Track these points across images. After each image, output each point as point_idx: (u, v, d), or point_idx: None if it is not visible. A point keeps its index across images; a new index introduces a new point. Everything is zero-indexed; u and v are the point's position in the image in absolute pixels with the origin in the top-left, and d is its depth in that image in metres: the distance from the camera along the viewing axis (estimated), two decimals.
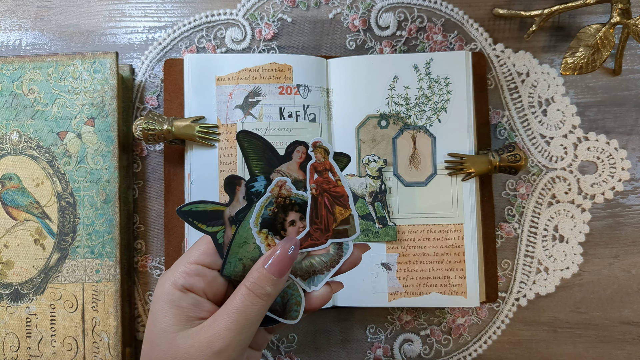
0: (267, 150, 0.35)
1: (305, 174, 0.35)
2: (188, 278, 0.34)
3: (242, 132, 0.35)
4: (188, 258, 0.35)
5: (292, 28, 0.56)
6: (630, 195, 0.55)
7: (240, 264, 0.35)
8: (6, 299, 0.50)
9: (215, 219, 0.35)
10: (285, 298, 0.35)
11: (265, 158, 0.35)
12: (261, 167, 0.35)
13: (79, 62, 0.51)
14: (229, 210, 0.35)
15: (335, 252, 0.36)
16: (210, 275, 0.35)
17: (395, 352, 0.54)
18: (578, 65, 0.52)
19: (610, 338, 0.54)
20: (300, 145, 0.35)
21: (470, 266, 0.51)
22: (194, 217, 0.35)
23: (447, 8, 0.56)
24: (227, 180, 0.35)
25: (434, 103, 0.52)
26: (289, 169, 0.35)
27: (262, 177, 0.35)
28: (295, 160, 0.35)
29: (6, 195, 0.50)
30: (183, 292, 0.33)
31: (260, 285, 0.33)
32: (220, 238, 0.35)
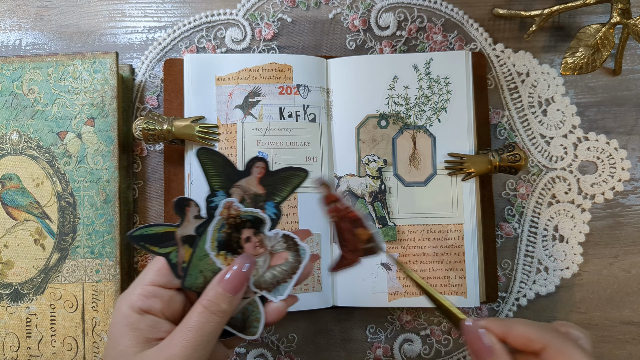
0: (226, 166, 0.36)
1: (264, 189, 0.37)
2: (145, 300, 0.35)
3: (202, 149, 0.36)
4: (144, 280, 0.36)
5: (292, 28, 0.56)
6: (630, 195, 0.55)
7: (201, 276, 0.36)
8: (6, 299, 0.50)
9: (166, 240, 0.36)
10: (245, 314, 0.36)
11: (224, 174, 0.36)
12: (221, 183, 0.36)
13: (79, 62, 0.51)
14: (180, 230, 0.36)
15: (294, 258, 0.37)
16: (167, 295, 0.36)
17: (395, 352, 0.54)
18: (578, 65, 0.52)
19: (610, 338, 0.54)
20: (260, 161, 0.37)
21: (470, 266, 0.51)
22: (145, 241, 0.36)
23: (447, 8, 0.56)
24: (176, 203, 0.36)
25: (434, 103, 0.52)
26: (248, 184, 0.36)
27: (222, 192, 0.36)
28: (255, 175, 0.37)
29: (6, 195, 0.50)
30: (140, 314, 0.34)
31: (216, 302, 0.34)
32: (174, 258, 0.36)
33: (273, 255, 0.37)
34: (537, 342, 0.34)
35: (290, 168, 0.37)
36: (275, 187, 0.37)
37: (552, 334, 0.35)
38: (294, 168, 0.37)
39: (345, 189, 0.52)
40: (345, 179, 0.52)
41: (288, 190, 0.37)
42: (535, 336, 0.34)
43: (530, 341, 0.34)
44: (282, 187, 0.37)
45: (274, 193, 0.37)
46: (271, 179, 0.37)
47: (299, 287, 0.50)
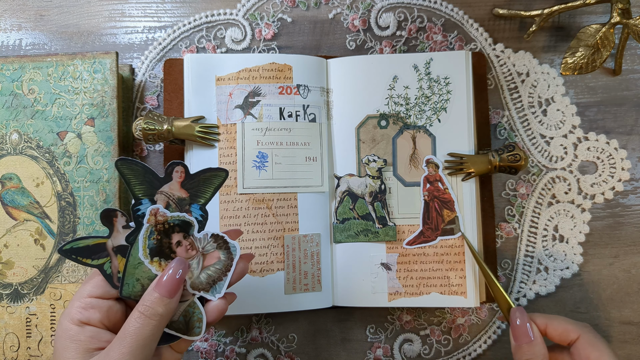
0: (147, 173, 0.37)
1: (187, 192, 0.37)
2: (84, 312, 0.36)
3: (120, 160, 0.37)
4: (82, 293, 0.37)
5: (292, 28, 0.56)
6: (630, 195, 0.55)
7: (139, 284, 0.37)
8: (6, 299, 0.50)
9: (98, 251, 0.37)
10: (187, 316, 0.37)
11: (146, 181, 0.37)
12: (144, 190, 0.37)
13: (79, 62, 0.51)
14: (110, 241, 0.37)
15: (226, 256, 0.38)
16: (105, 305, 0.36)
17: (395, 352, 0.54)
18: (578, 65, 0.52)
19: (610, 338, 0.54)
20: (178, 165, 0.37)
21: (470, 266, 0.50)
22: (77, 254, 0.36)
23: (447, 8, 0.56)
24: (103, 214, 0.36)
25: (434, 103, 0.52)
26: (170, 189, 0.37)
27: (147, 200, 0.37)
28: (176, 180, 0.37)
29: (6, 195, 0.50)
30: (80, 326, 0.35)
31: (152, 307, 0.34)
32: (108, 269, 0.37)
33: (205, 256, 0.38)
34: (574, 332, 0.41)
35: (209, 169, 0.38)
36: (198, 189, 0.38)
37: (586, 328, 0.42)
38: (213, 169, 0.38)
39: (345, 189, 0.52)
40: (345, 179, 0.52)
41: (210, 191, 0.38)
42: (572, 327, 0.42)
43: (567, 331, 0.42)
44: (204, 188, 0.38)
45: (197, 195, 0.38)
46: (192, 182, 0.38)
47: (299, 287, 0.50)
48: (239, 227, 0.49)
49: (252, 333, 0.53)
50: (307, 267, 0.50)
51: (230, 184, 0.50)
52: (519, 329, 0.42)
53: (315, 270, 0.51)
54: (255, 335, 0.53)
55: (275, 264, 0.50)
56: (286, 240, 0.50)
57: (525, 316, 0.43)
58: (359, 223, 0.51)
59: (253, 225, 0.50)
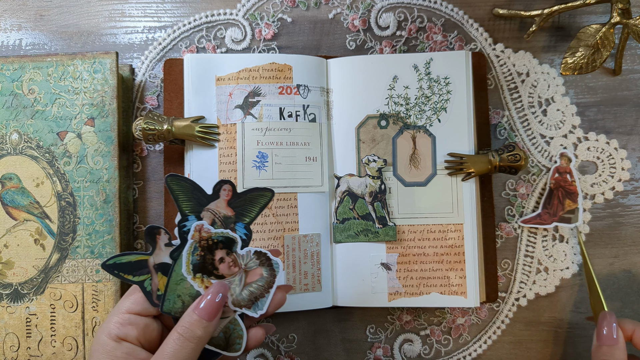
0: (195, 190, 0.37)
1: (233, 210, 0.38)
2: (121, 328, 0.36)
3: (170, 176, 0.37)
4: (120, 308, 0.37)
5: (292, 28, 0.56)
6: (630, 195, 0.55)
7: (180, 300, 0.37)
8: (6, 299, 0.50)
9: (140, 268, 0.37)
10: (227, 333, 0.37)
11: (194, 198, 0.37)
12: (191, 207, 0.37)
13: (79, 62, 0.51)
14: (152, 258, 0.37)
15: (269, 273, 0.38)
16: (143, 322, 0.37)
17: (395, 352, 0.54)
18: (578, 65, 0.52)
19: None
20: (226, 184, 0.38)
21: (470, 266, 0.51)
22: (119, 270, 0.37)
23: (447, 8, 0.56)
24: (147, 231, 0.37)
25: (434, 103, 0.52)
26: (217, 206, 0.38)
27: (193, 217, 0.37)
28: (223, 198, 0.38)
29: (6, 195, 0.50)
30: (117, 341, 0.35)
31: (191, 329, 0.34)
32: (148, 286, 0.37)
33: (248, 273, 0.38)
34: None
35: (256, 189, 0.38)
36: (244, 208, 0.38)
37: None
38: (260, 189, 0.38)
39: (345, 189, 0.52)
40: (345, 179, 0.52)
41: (256, 211, 0.38)
42: None
43: None
44: (250, 207, 0.38)
45: (243, 214, 0.38)
46: (239, 201, 0.38)
47: (299, 287, 0.50)
48: None
49: None
50: (307, 267, 0.50)
51: None
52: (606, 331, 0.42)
53: (315, 270, 0.51)
54: None
55: None
56: (286, 240, 0.50)
57: (614, 318, 0.43)
58: (359, 223, 0.51)
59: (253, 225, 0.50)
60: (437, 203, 0.51)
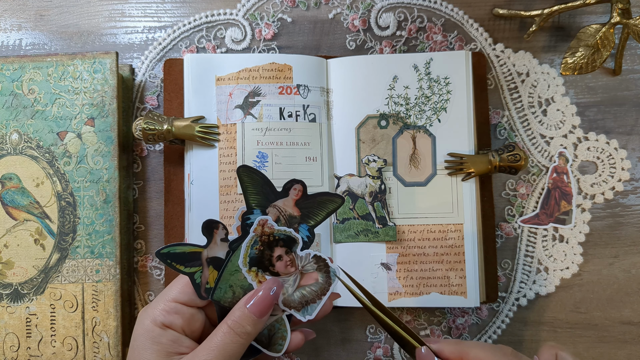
0: (265, 185, 0.37)
1: (300, 211, 0.37)
2: (167, 315, 0.36)
3: (243, 167, 0.37)
4: (167, 296, 0.37)
5: (292, 28, 0.56)
6: (630, 195, 0.55)
7: (230, 290, 0.37)
8: (6, 299, 0.50)
9: (192, 260, 0.37)
10: (272, 331, 0.37)
11: (262, 193, 0.37)
12: (258, 201, 0.37)
13: (79, 62, 0.51)
14: (206, 252, 0.37)
15: (324, 280, 0.37)
16: (188, 312, 0.37)
17: (395, 352, 0.54)
18: (578, 65, 0.52)
19: (610, 338, 0.54)
20: (298, 183, 0.37)
21: (470, 266, 0.50)
22: (172, 259, 0.37)
23: (447, 8, 0.56)
24: (205, 224, 0.37)
25: (434, 103, 0.52)
26: (284, 204, 0.37)
27: (258, 211, 0.37)
28: (292, 197, 0.37)
29: (6, 195, 0.50)
30: (162, 328, 0.35)
31: (241, 324, 0.34)
32: (198, 278, 0.37)
33: (303, 275, 0.38)
34: None
35: (327, 193, 0.38)
36: (311, 211, 0.38)
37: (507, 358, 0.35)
38: (331, 194, 0.38)
39: (345, 189, 0.52)
40: (345, 179, 0.52)
41: (323, 215, 0.38)
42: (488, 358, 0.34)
43: None
44: (317, 211, 0.38)
45: (309, 216, 0.38)
46: (307, 202, 0.38)
47: None
48: None
49: None
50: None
51: (230, 184, 0.50)
52: None
53: None
54: None
55: None
56: None
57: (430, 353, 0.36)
58: (359, 223, 0.51)
59: None
60: (437, 203, 0.51)
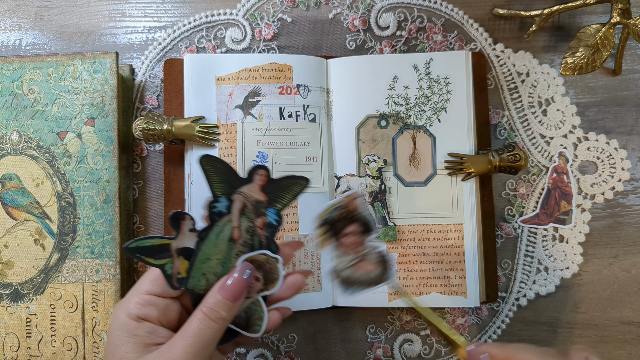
0: (229, 173, 0.37)
1: (266, 196, 0.38)
2: (142, 308, 0.36)
3: (204, 156, 0.37)
4: (140, 289, 0.37)
5: (292, 28, 0.56)
6: (630, 195, 0.55)
7: (204, 278, 0.37)
8: (6, 299, 0.50)
9: (162, 252, 0.37)
10: (249, 313, 0.37)
11: (226, 180, 0.37)
12: (223, 189, 0.37)
13: (79, 62, 0.51)
14: (175, 243, 0.37)
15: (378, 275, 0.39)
16: (163, 303, 0.37)
17: (395, 352, 0.54)
18: (578, 65, 0.52)
19: (610, 338, 0.54)
20: (262, 169, 0.37)
21: (470, 266, 0.50)
22: (141, 253, 0.37)
23: (447, 8, 0.56)
24: (172, 216, 0.37)
25: (434, 103, 0.52)
26: (250, 190, 0.38)
27: (224, 199, 0.37)
28: (257, 182, 0.38)
29: (6, 195, 0.50)
30: (138, 321, 0.35)
31: (215, 310, 0.35)
32: (169, 269, 0.37)
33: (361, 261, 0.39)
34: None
35: (292, 177, 0.38)
36: (277, 195, 0.38)
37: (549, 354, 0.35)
38: (296, 177, 0.38)
39: (345, 189, 0.52)
40: (345, 179, 0.52)
41: (289, 198, 0.38)
42: None
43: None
44: (283, 194, 0.38)
45: (276, 200, 0.38)
46: (273, 187, 0.38)
47: None
48: None
49: None
50: (307, 267, 0.50)
51: None
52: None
53: (315, 270, 0.51)
54: None
55: None
56: (286, 240, 0.50)
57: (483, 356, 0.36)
58: None
59: None
60: (437, 203, 0.51)
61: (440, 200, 0.51)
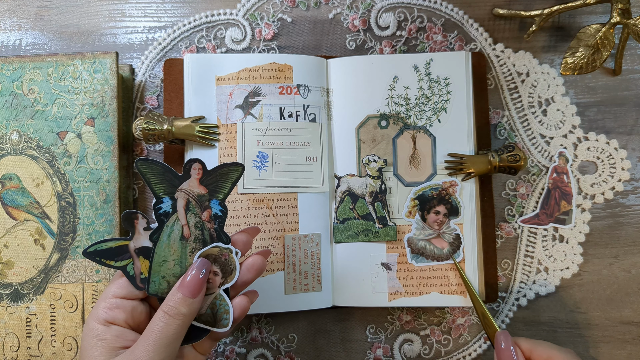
0: (167, 172, 0.38)
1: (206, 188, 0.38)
2: (109, 312, 0.37)
3: (139, 160, 0.37)
4: (107, 294, 0.38)
5: (292, 28, 0.56)
6: (630, 195, 0.55)
7: (164, 281, 0.37)
8: (6, 299, 0.50)
9: (121, 253, 0.37)
10: (214, 309, 0.38)
11: (166, 180, 0.38)
12: (164, 189, 0.38)
13: (79, 62, 0.51)
14: (132, 243, 0.37)
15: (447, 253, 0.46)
16: (130, 305, 0.37)
17: (395, 352, 0.54)
18: (578, 65, 0.52)
19: (610, 338, 0.54)
20: (196, 162, 0.38)
21: (470, 266, 0.51)
22: (100, 256, 0.37)
23: (447, 8, 0.56)
24: (124, 217, 0.37)
25: (434, 103, 0.52)
26: (190, 186, 0.38)
27: (167, 198, 0.38)
28: (194, 177, 0.38)
29: (6, 195, 0.50)
30: (106, 325, 0.36)
31: (175, 307, 0.35)
32: (131, 270, 0.37)
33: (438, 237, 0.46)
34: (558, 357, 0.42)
35: (226, 165, 0.38)
36: (216, 185, 0.38)
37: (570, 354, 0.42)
38: (229, 164, 0.38)
39: (345, 189, 0.52)
40: (345, 179, 0.52)
41: (228, 186, 0.39)
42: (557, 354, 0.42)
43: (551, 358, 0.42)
44: (222, 184, 0.38)
45: (216, 191, 0.38)
46: (210, 178, 0.38)
47: (299, 287, 0.50)
48: (239, 226, 0.49)
49: (252, 333, 0.53)
50: (307, 267, 0.51)
51: None
52: (503, 353, 0.42)
53: (315, 270, 0.51)
54: (255, 335, 0.53)
55: (276, 264, 0.50)
56: (286, 240, 0.50)
57: (510, 340, 0.43)
58: (359, 223, 0.51)
59: (253, 225, 0.50)
60: None
61: None
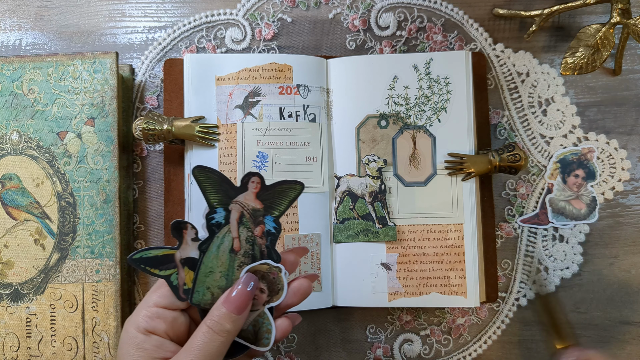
0: (223, 182, 0.37)
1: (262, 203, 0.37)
2: (149, 321, 0.36)
3: (198, 168, 0.36)
4: (148, 302, 0.37)
5: (292, 28, 0.56)
6: (630, 195, 0.55)
7: (209, 292, 0.37)
8: (6, 299, 0.50)
9: (166, 262, 0.36)
10: (256, 326, 0.37)
11: (222, 190, 0.37)
12: (219, 199, 0.37)
13: (79, 62, 0.51)
14: (179, 253, 0.37)
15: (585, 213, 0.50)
16: (171, 316, 0.37)
17: (395, 352, 0.54)
18: (578, 65, 0.52)
19: (610, 338, 0.54)
20: (255, 176, 0.37)
21: (470, 266, 0.50)
22: (145, 264, 0.36)
23: (447, 8, 0.56)
24: (173, 226, 0.36)
25: (434, 103, 0.52)
26: (245, 199, 0.37)
27: (221, 209, 0.37)
28: (251, 190, 0.37)
29: (6, 195, 0.50)
30: (146, 334, 0.35)
31: (220, 323, 0.34)
32: (175, 280, 0.37)
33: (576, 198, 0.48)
34: None
35: (286, 181, 0.37)
36: (273, 202, 0.37)
37: None
38: (290, 181, 0.37)
39: (345, 189, 0.52)
40: (345, 179, 0.52)
41: (285, 204, 0.38)
42: None
43: None
44: (279, 200, 0.38)
45: (272, 207, 0.37)
46: (268, 193, 0.37)
47: None
48: None
49: None
50: (307, 267, 0.50)
51: None
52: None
53: (315, 270, 0.51)
54: None
55: None
56: (286, 240, 0.50)
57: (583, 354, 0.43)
58: (359, 223, 0.51)
59: None
60: (437, 203, 0.51)
61: (440, 200, 0.51)
